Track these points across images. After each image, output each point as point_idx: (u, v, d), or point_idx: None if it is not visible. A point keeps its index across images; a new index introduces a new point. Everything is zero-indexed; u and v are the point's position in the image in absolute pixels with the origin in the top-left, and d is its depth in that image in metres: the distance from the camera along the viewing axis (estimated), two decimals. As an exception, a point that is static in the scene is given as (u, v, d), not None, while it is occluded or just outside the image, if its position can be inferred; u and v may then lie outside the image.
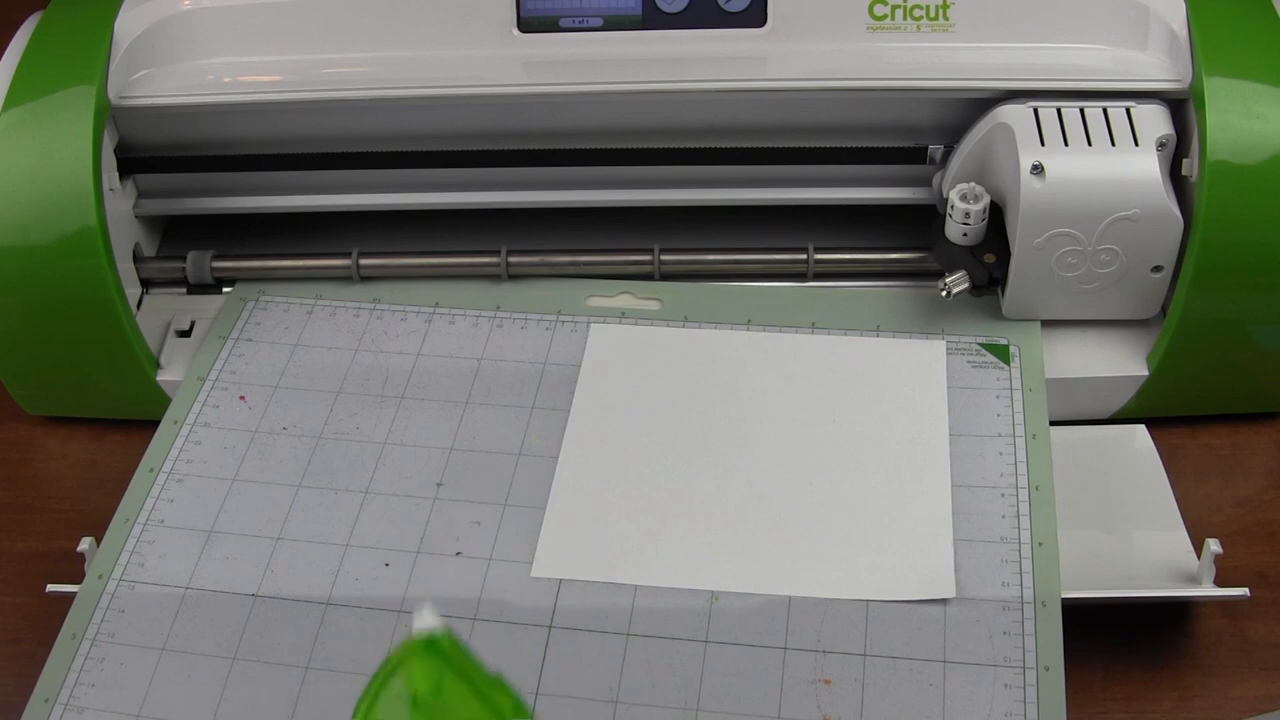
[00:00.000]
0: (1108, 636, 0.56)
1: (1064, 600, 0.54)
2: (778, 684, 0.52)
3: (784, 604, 0.55)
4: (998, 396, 0.62)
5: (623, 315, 0.67)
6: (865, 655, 0.53)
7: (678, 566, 0.56)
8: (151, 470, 0.61)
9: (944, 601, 0.54)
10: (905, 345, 0.65)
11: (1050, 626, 0.53)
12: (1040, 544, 0.56)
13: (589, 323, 0.67)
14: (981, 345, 0.64)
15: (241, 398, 0.64)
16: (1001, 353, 0.64)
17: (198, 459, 0.62)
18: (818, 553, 0.56)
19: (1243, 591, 0.55)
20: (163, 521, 0.59)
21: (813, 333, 0.66)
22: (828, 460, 0.60)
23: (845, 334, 0.66)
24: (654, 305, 0.68)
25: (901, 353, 0.64)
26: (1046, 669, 0.52)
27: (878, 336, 0.65)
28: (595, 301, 0.68)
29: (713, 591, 0.55)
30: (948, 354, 0.64)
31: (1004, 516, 0.57)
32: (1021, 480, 0.58)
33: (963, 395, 0.62)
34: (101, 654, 0.54)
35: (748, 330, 0.66)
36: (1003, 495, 0.58)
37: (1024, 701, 0.51)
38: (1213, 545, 0.55)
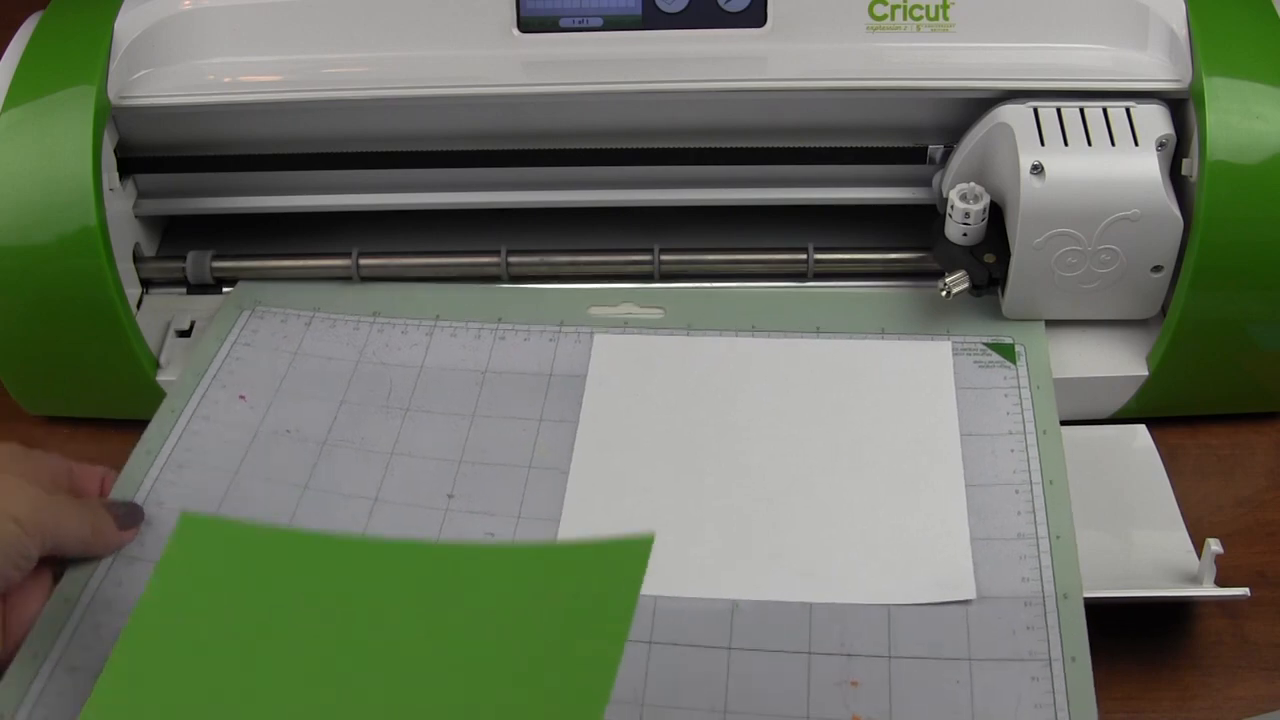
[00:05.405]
0: (1108, 636, 0.56)
1: (1065, 599, 0.54)
2: (804, 686, 0.52)
3: (805, 610, 0.54)
4: (1006, 395, 0.62)
5: (626, 324, 0.67)
6: (890, 657, 0.53)
7: (695, 576, 0.56)
8: (149, 453, 0.61)
9: (965, 601, 0.54)
10: (911, 347, 0.65)
11: (1073, 618, 0.53)
12: (1058, 537, 0.56)
13: (593, 333, 0.66)
14: (987, 345, 0.64)
15: (242, 397, 0.64)
16: (1007, 352, 0.64)
17: (197, 448, 0.61)
18: (835, 559, 0.56)
19: (1243, 591, 0.55)
20: (161, 504, 0.58)
21: (817, 337, 0.66)
22: (840, 465, 0.60)
23: (850, 338, 0.65)
24: (657, 314, 0.67)
25: (908, 355, 0.64)
26: (1073, 659, 0.52)
27: (883, 339, 0.65)
28: (597, 310, 0.68)
29: (733, 600, 0.55)
30: (954, 355, 0.64)
31: (1019, 513, 0.57)
32: (1035, 476, 0.58)
33: (971, 395, 0.62)
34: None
35: (752, 337, 0.66)
36: (1017, 491, 0.58)
37: (1053, 692, 0.51)
38: (1213, 545, 0.55)
